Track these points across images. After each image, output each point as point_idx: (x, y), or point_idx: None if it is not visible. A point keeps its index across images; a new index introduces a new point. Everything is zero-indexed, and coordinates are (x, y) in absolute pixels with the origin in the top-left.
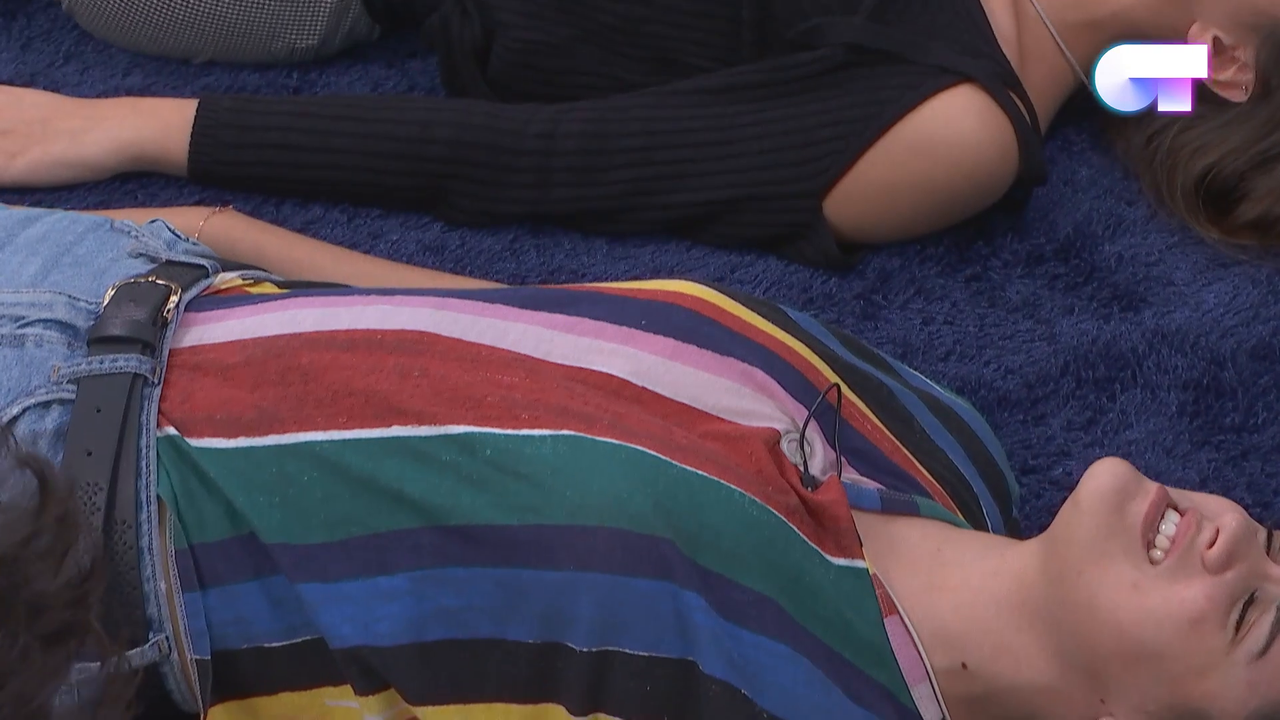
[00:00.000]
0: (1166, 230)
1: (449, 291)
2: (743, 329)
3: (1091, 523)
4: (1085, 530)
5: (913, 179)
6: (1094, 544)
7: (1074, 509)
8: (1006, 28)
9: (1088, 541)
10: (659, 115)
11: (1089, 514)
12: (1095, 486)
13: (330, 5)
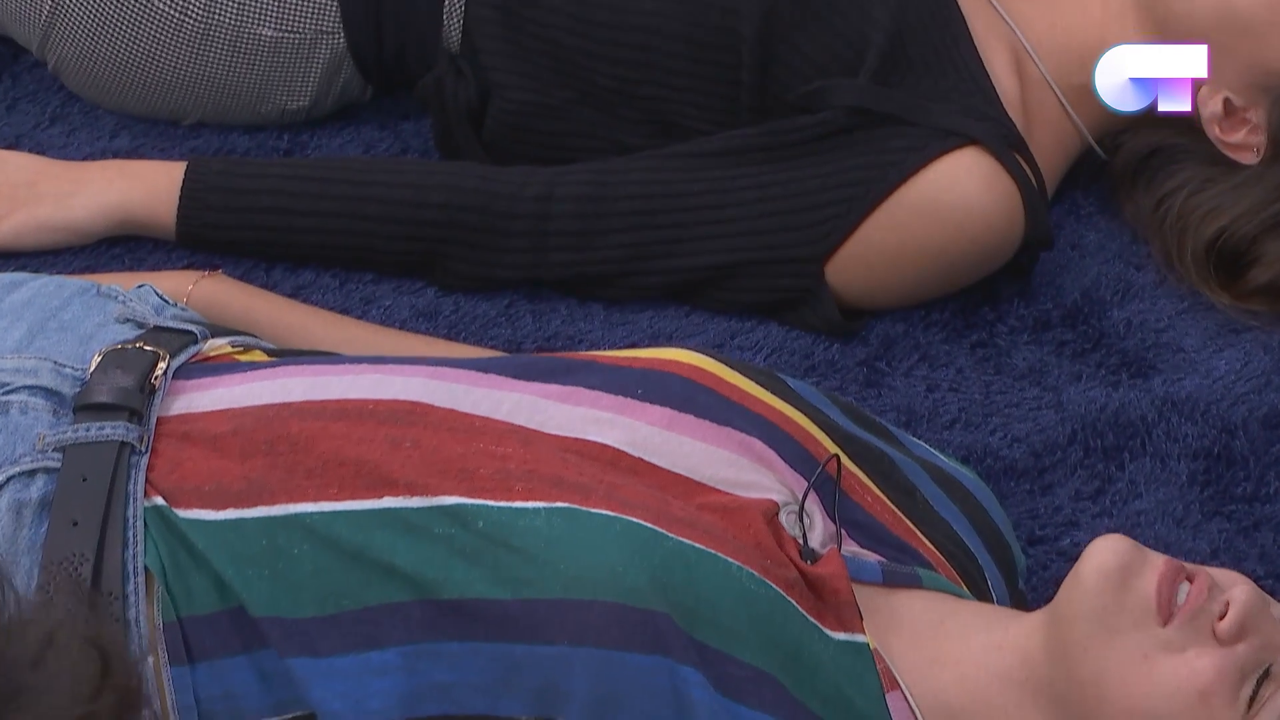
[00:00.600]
0: (1176, 295)
1: (442, 361)
2: (741, 398)
3: (1096, 600)
4: (1089, 607)
5: (917, 243)
6: (1100, 620)
7: (1076, 586)
8: (1011, 90)
9: (1093, 618)
10: (657, 178)
11: (1093, 592)
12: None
13: (322, 66)
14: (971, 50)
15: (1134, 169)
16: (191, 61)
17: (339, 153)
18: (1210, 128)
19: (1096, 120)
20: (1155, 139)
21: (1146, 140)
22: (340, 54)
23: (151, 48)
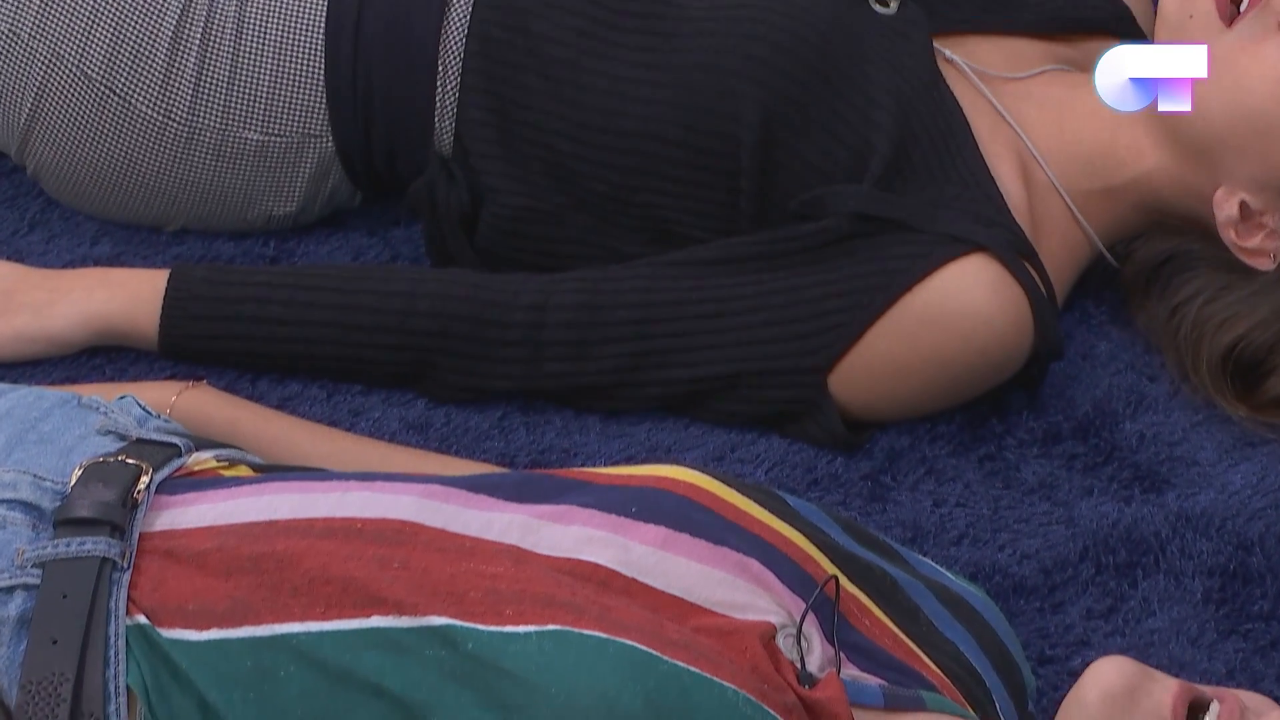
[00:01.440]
0: (1191, 407)
1: (432, 479)
2: (737, 517)
3: None
4: None
5: (923, 353)
6: None
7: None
8: (1018, 197)
9: None
10: (655, 287)
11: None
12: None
13: (309, 171)
14: (977, 156)
15: (1147, 276)
16: (175, 166)
17: (327, 260)
18: (1226, 233)
19: (1107, 227)
20: (1168, 246)
21: (1159, 247)
22: (328, 158)
23: (134, 152)
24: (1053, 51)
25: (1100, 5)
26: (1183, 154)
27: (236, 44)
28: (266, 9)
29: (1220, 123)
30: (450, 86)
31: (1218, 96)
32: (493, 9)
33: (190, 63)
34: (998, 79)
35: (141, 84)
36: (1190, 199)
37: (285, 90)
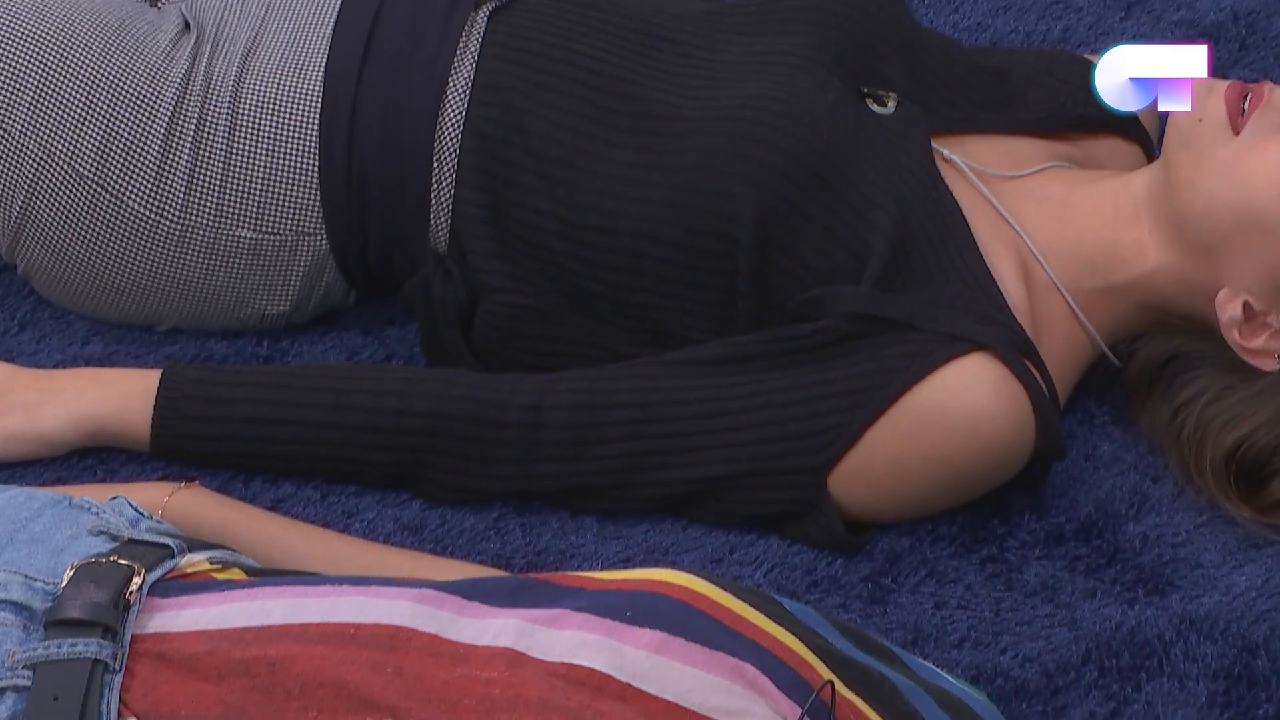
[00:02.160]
0: (1194, 509)
1: (426, 584)
2: (734, 622)
3: None
4: None
5: (923, 453)
6: None
7: None
8: (1019, 295)
9: None
10: (652, 387)
11: None
12: None
13: (303, 269)
14: (976, 255)
15: (1149, 376)
16: (167, 265)
17: (321, 359)
18: (1229, 333)
19: (1109, 325)
20: (1171, 345)
21: (1162, 346)
22: (323, 256)
23: (126, 250)
24: (1052, 149)
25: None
26: (1186, 253)
27: (230, 141)
28: (260, 106)
29: (1225, 222)
30: (446, 184)
31: (1222, 196)
32: (488, 106)
33: (183, 159)
34: (997, 178)
35: (134, 181)
36: (1193, 298)
37: (279, 188)
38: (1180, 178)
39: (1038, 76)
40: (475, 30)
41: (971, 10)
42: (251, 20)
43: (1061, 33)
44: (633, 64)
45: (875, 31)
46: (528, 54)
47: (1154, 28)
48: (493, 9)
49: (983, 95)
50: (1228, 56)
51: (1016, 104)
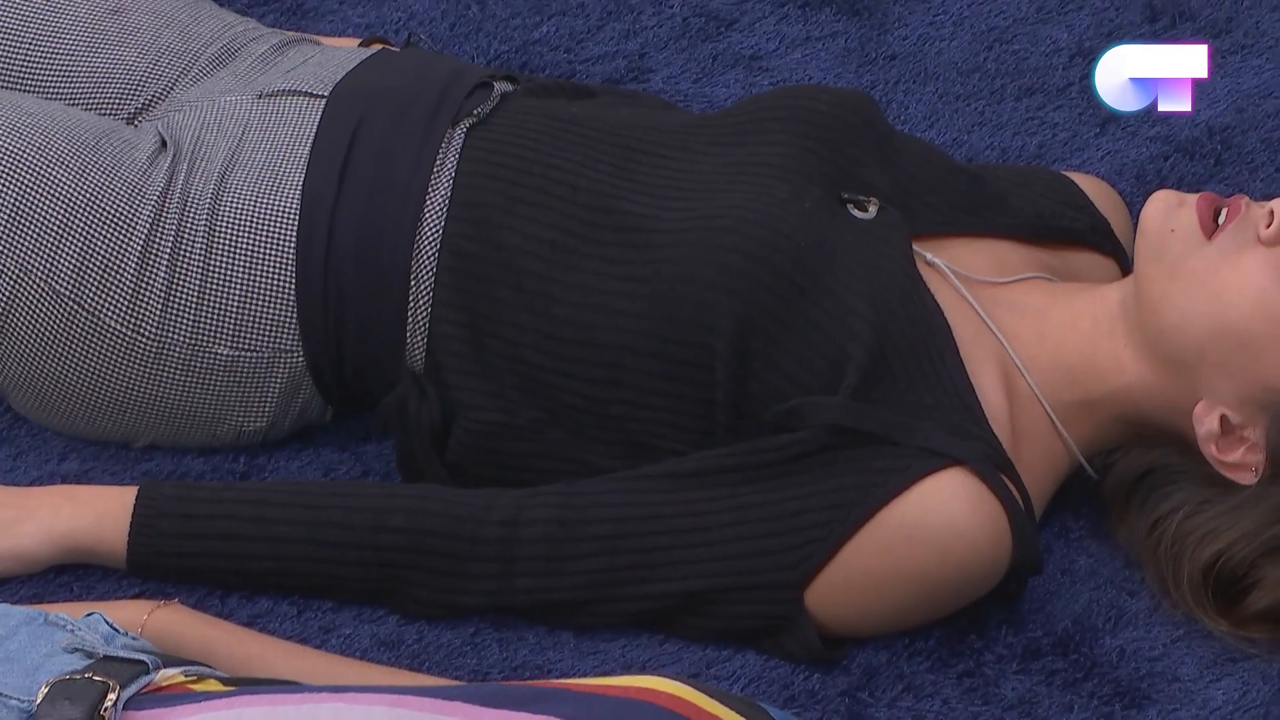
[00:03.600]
0: (1171, 623)
1: (405, 689)
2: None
3: None
4: None
5: (900, 568)
6: None
7: None
8: (998, 407)
9: None
10: (629, 501)
11: None
12: None
13: (279, 387)
14: (957, 364)
15: (1127, 490)
16: (144, 381)
17: (298, 476)
18: (1206, 447)
19: (1087, 438)
20: (1148, 459)
21: (1139, 460)
22: (299, 373)
23: (102, 368)
24: (1033, 257)
25: (1079, 216)
26: (1162, 367)
27: (207, 259)
28: (237, 224)
29: (1200, 336)
30: (423, 301)
31: (1198, 310)
32: (465, 222)
33: (160, 277)
34: (979, 283)
35: (110, 299)
36: (1170, 412)
37: (256, 305)
38: (1153, 290)
39: (1015, 188)
40: (452, 147)
41: (947, 127)
42: (229, 139)
43: (1037, 148)
44: (609, 177)
45: (853, 138)
46: (505, 169)
47: (1129, 143)
48: (469, 126)
49: (963, 199)
50: (1203, 172)
51: (997, 208)
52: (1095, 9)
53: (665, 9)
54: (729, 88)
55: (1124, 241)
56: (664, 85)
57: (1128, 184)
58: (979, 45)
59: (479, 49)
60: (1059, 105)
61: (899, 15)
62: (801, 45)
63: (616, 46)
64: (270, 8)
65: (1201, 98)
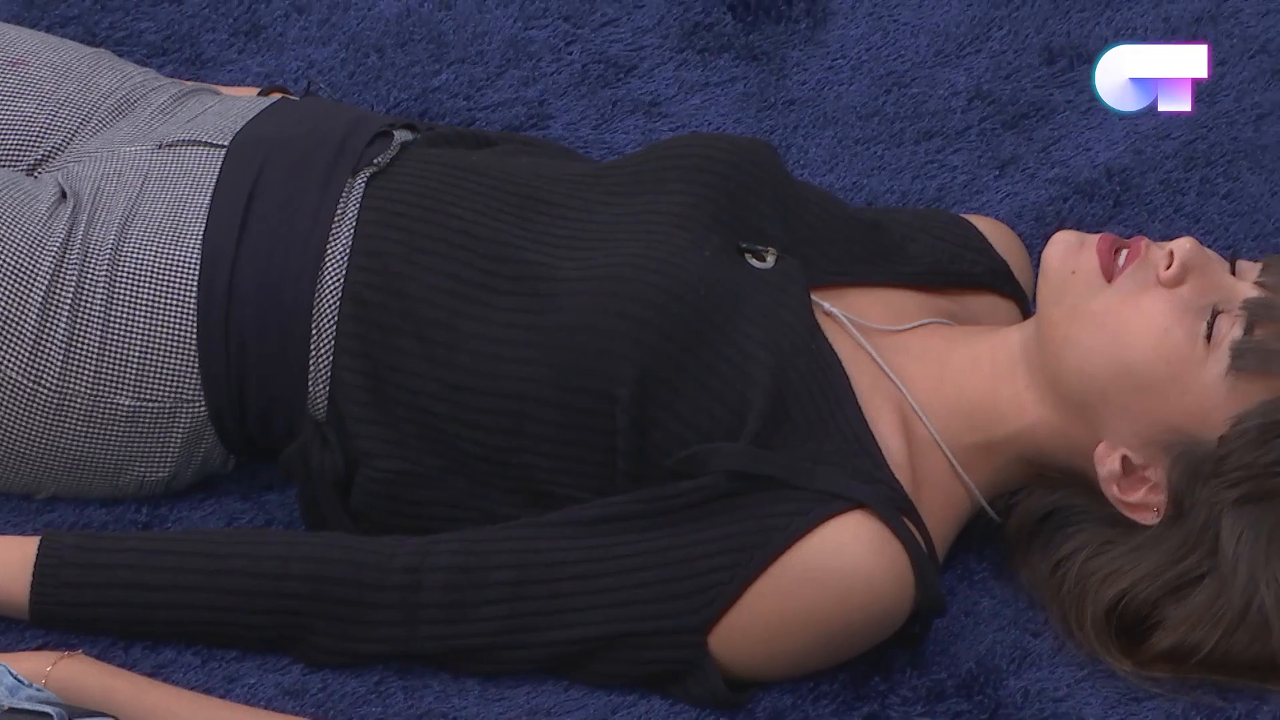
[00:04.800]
0: (1075, 663)
1: None
2: None
3: None
4: None
5: (803, 612)
6: None
7: None
8: (898, 452)
9: None
10: (532, 548)
11: None
12: None
13: (182, 436)
14: (856, 409)
15: (1029, 531)
16: (45, 433)
17: (200, 525)
18: (1108, 487)
19: (988, 480)
20: (1050, 500)
21: (1041, 501)
22: (201, 423)
23: (2, 420)
24: (932, 304)
25: (978, 260)
26: (1064, 408)
27: (108, 309)
28: (138, 274)
29: (1102, 377)
30: (324, 350)
31: (1099, 351)
32: (367, 271)
33: (61, 329)
34: (877, 331)
35: (11, 350)
36: (1072, 453)
37: (157, 356)
38: (1054, 332)
39: (915, 233)
40: (353, 197)
41: (847, 170)
42: (129, 189)
43: (936, 191)
44: (509, 226)
45: (752, 187)
46: (405, 219)
47: (1028, 185)
48: (370, 175)
49: (862, 248)
50: (1102, 213)
51: (895, 257)
52: (993, 52)
53: (564, 56)
54: (629, 134)
55: (1024, 283)
56: (564, 132)
57: (1027, 225)
58: (878, 89)
59: (378, 97)
60: (958, 148)
61: (797, 60)
62: (700, 90)
63: (516, 93)
64: (169, 58)
65: (1099, 140)
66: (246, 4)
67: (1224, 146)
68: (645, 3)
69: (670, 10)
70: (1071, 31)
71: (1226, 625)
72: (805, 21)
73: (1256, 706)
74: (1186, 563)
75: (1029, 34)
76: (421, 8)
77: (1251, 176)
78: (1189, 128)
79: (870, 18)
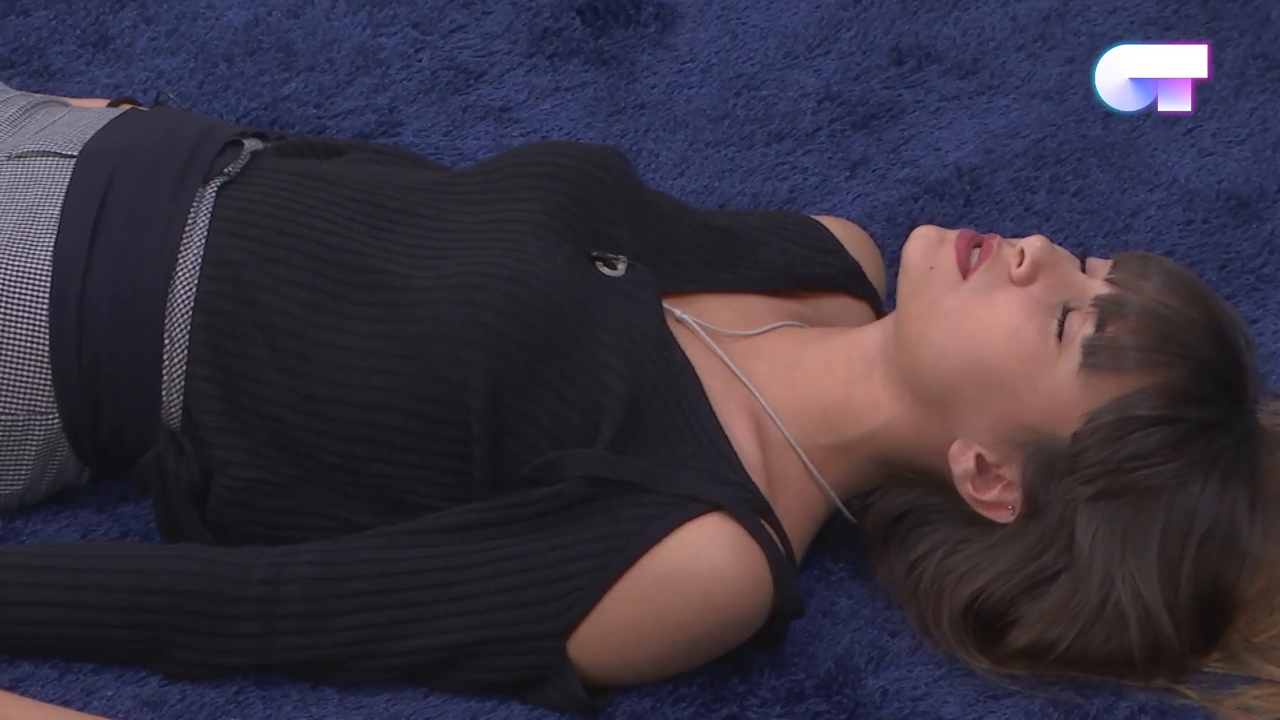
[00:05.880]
0: (933, 661)
1: None
2: None
3: None
4: None
5: (661, 615)
6: None
7: None
8: (753, 455)
9: None
10: (390, 557)
11: None
12: None
13: (35, 449)
14: (710, 414)
15: (885, 531)
16: None
17: (56, 538)
18: (963, 486)
19: (843, 481)
20: (906, 499)
21: (897, 500)
22: (55, 434)
23: None
24: (783, 307)
25: (829, 261)
26: (918, 407)
27: None
28: None
29: (955, 374)
30: (178, 360)
31: (953, 349)
32: (219, 281)
33: None
34: (728, 337)
35: None
36: (927, 452)
37: (9, 367)
38: (911, 328)
39: (766, 236)
40: (204, 206)
41: (698, 174)
42: None
43: (788, 193)
44: (362, 236)
45: (603, 196)
46: (257, 228)
47: (879, 186)
48: (220, 184)
49: (713, 255)
50: (953, 213)
51: (746, 263)
52: (842, 53)
53: (414, 63)
54: (480, 140)
55: (876, 284)
56: (415, 139)
57: (879, 226)
58: (727, 92)
59: (228, 106)
60: (809, 150)
61: (647, 64)
62: (550, 95)
63: (366, 101)
64: (17, 70)
65: (949, 139)
66: (94, 15)
67: (1073, 144)
68: (494, 9)
69: (519, 16)
70: (919, 32)
71: (1083, 622)
72: (654, 25)
73: (1114, 702)
74: (1042, 560)
75: (877, 35)
76: (270, 17)
77: (1100, 174)
78: (1038, 126)
79: (719, 21)
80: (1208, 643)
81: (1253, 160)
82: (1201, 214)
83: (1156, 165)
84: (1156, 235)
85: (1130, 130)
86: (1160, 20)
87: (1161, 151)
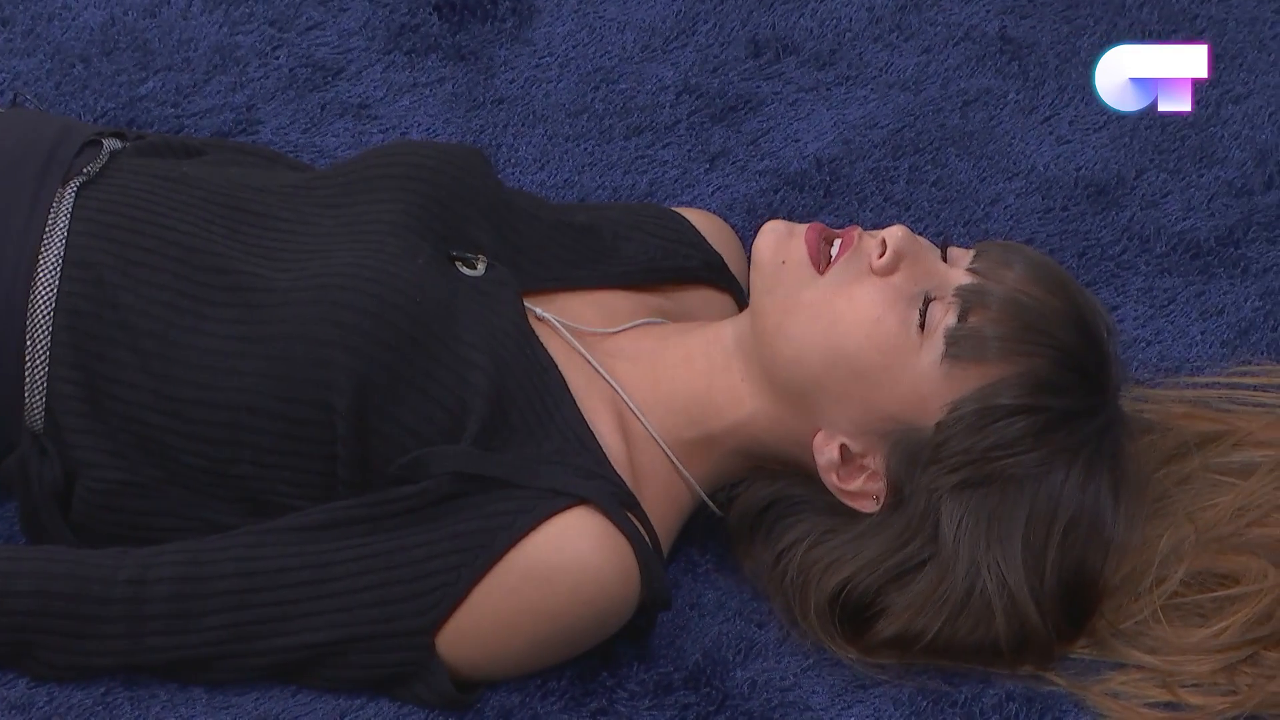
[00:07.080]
0: (801, 652)
1: None
2: None
3: None
4: None
5: (529, 609)
6: None
7: None
8: (617, 449)
9: None
10: (255, 555)
11: None
12: None
13: None
14: (574, 410)
15: (751, 523)
16: None
17: None
18: (827, 476)
19: (708, 474)
20: (771, 490)
21: (762, 492)
22: None
23: None
24: (645, 303)
25: (691, 254)
26: (780, 399)
27: None
28: None
29: (816, 367)
30: (40, 361)
31: (814, 342)
32: (79, 282)
33: None
34: (590, 334)
35: None
36: (791, 444)
37: None
38: (768, 323)
39: (627, 231)
40: (63, 207)
41: (559, 168)
42: None
43: (648, 186)
44: (222, 238)
45: (461, 195)
46: (117, 230)
47: (739, 178)
48: (80, 185)
49: (573, 252)
50: (813, 204)
51: (607, 259)
52: (700, 45)
53: (271, 60)
54: (339, 136)
55: (739, 275)
56: (274, 136)
57: (739, 218)
58: (586, 86)
59: (85, 107)
60: (668, 142)
61: (504, 59)
62: (409, 92)
63: (224, 99)
64: None
65: (808, 131)
66: None
67: (931, 134)
68: (350, 6)
69: (376, 13)
70: (776, 24)
71: (949, 611)
72: (511, 20)
73: (982, 690)
74: (908, 550)
75: (734, 27)
76: (126, 16)
77: (959, 163)
78: (896, 116)
79: (576, 15)
80: (1074, 630)
81: (1110, 147)
82: (1060, 201)
83: (1015, 153)
84: (1016, 223)
85: (988, 119)
86: (1016, 9)
87: (1020, 140)
